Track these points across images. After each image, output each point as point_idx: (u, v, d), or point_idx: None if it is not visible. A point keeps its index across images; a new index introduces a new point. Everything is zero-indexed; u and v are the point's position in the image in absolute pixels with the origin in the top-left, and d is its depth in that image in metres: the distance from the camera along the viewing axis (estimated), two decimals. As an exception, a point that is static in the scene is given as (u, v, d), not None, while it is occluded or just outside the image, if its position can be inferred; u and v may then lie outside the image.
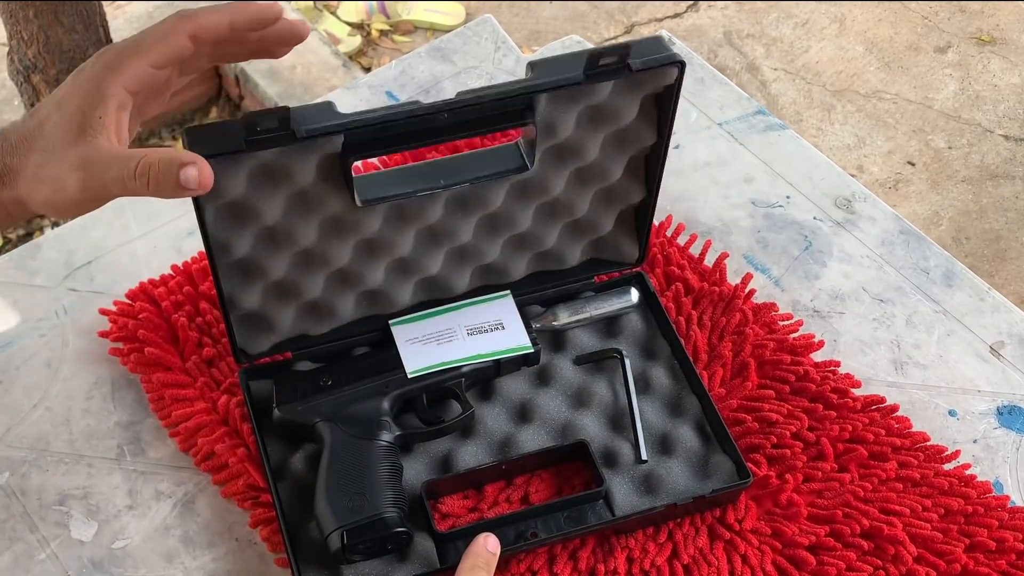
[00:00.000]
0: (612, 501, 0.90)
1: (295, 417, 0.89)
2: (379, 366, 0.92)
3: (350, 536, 0.80)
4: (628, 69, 0.83)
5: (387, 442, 0.86)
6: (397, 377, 0.91)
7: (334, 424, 0.87)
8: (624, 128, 0.90)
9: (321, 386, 0.90)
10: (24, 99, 1.76)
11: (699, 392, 0.96)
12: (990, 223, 2.33)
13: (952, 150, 2.47)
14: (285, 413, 0.89)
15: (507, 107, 0.82)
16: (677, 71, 0.85)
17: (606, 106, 0.88)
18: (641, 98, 0.88)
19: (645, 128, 0.91)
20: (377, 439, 0.86)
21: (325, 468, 0.85)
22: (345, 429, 0.86)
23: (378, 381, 0.91)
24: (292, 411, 0.89)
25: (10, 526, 0.91)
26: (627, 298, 1.01)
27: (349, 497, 0.82)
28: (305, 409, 0.89)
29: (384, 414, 0.88)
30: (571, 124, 0.88)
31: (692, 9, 2.77)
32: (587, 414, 0.95)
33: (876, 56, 2.65)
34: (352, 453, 0.85)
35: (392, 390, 0.90)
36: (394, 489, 0.84)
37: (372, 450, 0.85)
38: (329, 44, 2.45)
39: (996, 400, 1.02)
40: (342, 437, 0.86)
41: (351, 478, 0.83)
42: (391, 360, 0.93)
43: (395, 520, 0.82)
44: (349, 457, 0.85)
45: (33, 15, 1.61)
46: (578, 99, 0.86)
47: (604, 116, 0.89)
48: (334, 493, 0.83)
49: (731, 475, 0.92)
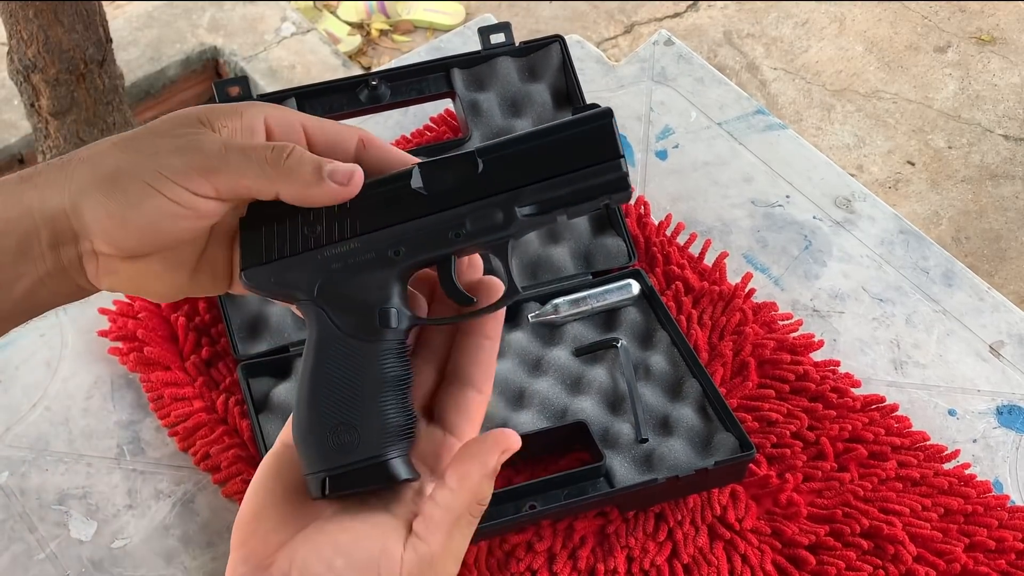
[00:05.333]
0: (613, 478, 0.90)
1: (266, 289, 0.57)
2: (396, 206, 0.57)
3: (334, 485, 0.56)
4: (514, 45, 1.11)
5: (394, 342, 0.57)
6: (424, 224, 0.56)
7: (320, 309, 0.57)
8: (544, 117, 1.09)
9: (307, 236, 0.57)
10: (24, 99, 1.76)
11: (700, 374, 0.96)
12: (990, 223, 2.33)
13: (952, 150, 2.47)
14: (252, 281, 0.57)
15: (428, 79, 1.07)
16: (559, 45, 1.11)
17: (519, 91, 1.10)
18: (548, 84, 1.11)
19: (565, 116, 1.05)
20: (380, 338, 0.56)
21: (307, 378, 0.57)
22: (336, 318, 0.56)
23: (390, 228, 0.56)
24: (262, 279, 0.57)
25: (9, 526, 0.91)
26: (627, 290, 1.01)
27: (335, 428, 0.56)
28: (280, 276, 0.57)
29: (391, 294, 0.57)
30: (495, 108, 1.09)
31: (692, 9, 2.76)
32: (586, 399, 0.96)
33: (876, 56, 2.65)
34: (342, 360, 0.56)
35: (414, 253, 0.56)
36: (401, 415, 0.56)
37: (372, 357, 0.56)
38: (329, 44, 2.45)
39: (996, 400, 1.01)
40: (330, 332, 0.56)
41: (339, 400, 0.56)
42: (414, 199, 0.56)
43: (400, 467, 0.56)
44: (338, 366, 0.56)
45: (33, 15, 1.61)
46: (491, 82, 1.10)
47: (521, 102, 1.11)
48: (315, 420, 0.56)
49: (735, 451, 0.91)
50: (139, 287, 0.58)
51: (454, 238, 0.56)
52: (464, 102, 1.09)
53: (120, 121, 1.80)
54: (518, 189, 0.56)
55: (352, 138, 0.57)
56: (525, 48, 1.12)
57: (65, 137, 1.76)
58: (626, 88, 1.25)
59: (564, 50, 1.11)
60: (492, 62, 1.10)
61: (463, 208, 0.56)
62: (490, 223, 0.56)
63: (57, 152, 1.79)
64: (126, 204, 0.53)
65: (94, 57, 1.69)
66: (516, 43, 1.12)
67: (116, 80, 1.77)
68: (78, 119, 1.74)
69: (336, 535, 0.53)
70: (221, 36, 2.44)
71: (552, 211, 0.56)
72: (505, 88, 1.10)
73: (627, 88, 1.25)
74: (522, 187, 0.56)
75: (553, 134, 0.56)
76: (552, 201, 0.56)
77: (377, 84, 1.06)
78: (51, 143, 1.79)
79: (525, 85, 1.11)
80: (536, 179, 0.56)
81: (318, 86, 1.06)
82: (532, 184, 0.56)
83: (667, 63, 1.27)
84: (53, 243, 0.55)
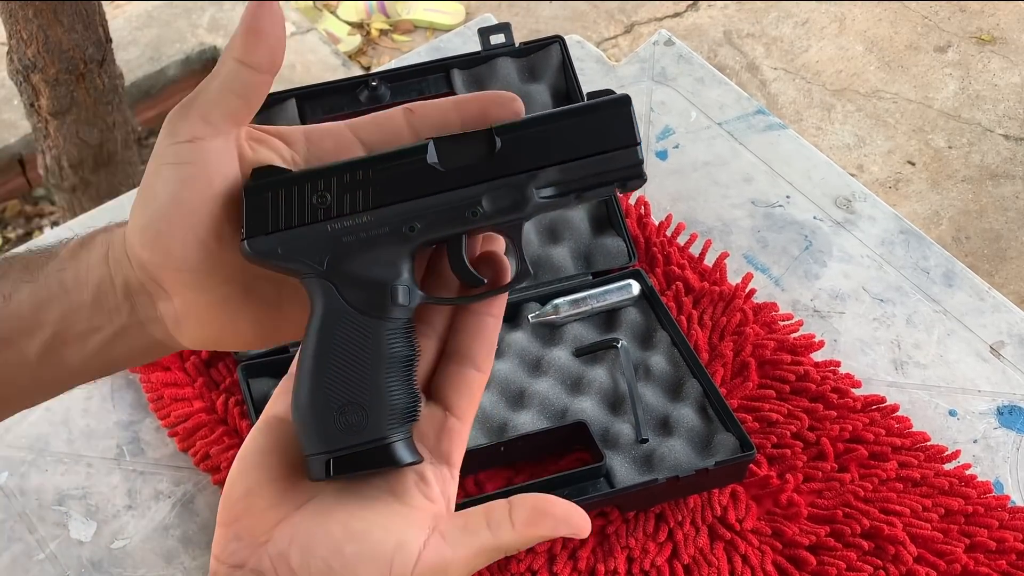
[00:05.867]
0: (613, 479, 0.91)
1: (272, 259, 0.54)
2: (412, 181, 0.55)
3: (339, 467, 0.54)
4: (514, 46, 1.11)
5: (402, 320, 0.55)
6: (440, 201, 0.54)
7: (329, 283, 0.55)
8: None
9: (315, 206, 0.54)
10: (24, 98, 1.76)
11: (700, 374, 0.96)
12: (990, 223, 2.33)
13: (952, 149, 2.46)
14: (257, 251, 0.54)
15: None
16: (559, 45, 1.11)
17: (519, 92, 1.05)
18: (548, 85, 1.10)
19: None
20: (389, 316, 0.55)
21: (311, 355, 0.55)
22: (348, 294, 0.55)
23: (405, 203, 0.54)
24: (268, 249, 0.54)
25: (9, 526, 0.91)
26: (627, 291, 1.01)
27: (342, 407, 0.55)
28: (288, 246, 0.54)
29: (402, 271, 0.55)
30: None
31: (692, 8, 2.76)
32: (586, 399, 0.96)
33: (876, 55, 2.65)
34: (351, 337, 0.55)
35: (429, 231, 0.55)
36: (407, 396, 0.55)
37: (380, 335, 0.55)
38: (329, 43, 2.45)
39: (996, 400, 1.01)
40: (338, 308, 0.55)
41: (347, 379, 0.55)
42: (431, 174, 0.55)
43: (405, 450, 0.54)
44: (346, 344, 0.55)
45: (32, 14, 1.61)
46: (490, 82, 1.08)
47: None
48: (320, 399, 0.54)
49: (735, 451, 0.91)
50: (221, 330, 0.55)
51: (471, 217, 0.54)
52: None
53: (120, 121, 1.80)
54: (537, 171, 0.55)
55: (397, 113, 0.56)
56: (525, 48, 1.12)
57: (65, 137, 1.76)
58: (626, 88, 1.25)
59: (564, 50, 1.11)
60: (492, 63, 1.10)
61: (481, 187, 0.55)
62: (507, 203, 0.55)
63: (57, 152, 1.79)
64: (143, 196, 0.52)
65: (94, 57, 1.68)
66: (516, 43, 1.12)
67: (116, 80, 1.77)
68: (78, 119, 1.74)
69: (347, 520, 0.52)
70: (221, 36, 2.44)
71: (568, 194, 0.55)
72: (505, 88, 1.10)
73: (627, 88, 1.25)
74: (541, 168, 0.55)
75: (572, 116, 0.56)
76: (568, 184, 0.55)
77: (377, 84, 1.07)
78: (51, 143, 1.78)
79: (525, 85, 1.11)
80: (555, 161, 0.55)
81: (318, 87, 1.06)
82: (551, 166, 0.55)
83: (667, 63, 1.27)
84: (127, 291, 0.54)
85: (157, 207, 0.52)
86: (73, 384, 0.57)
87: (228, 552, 0.51)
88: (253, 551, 0.51)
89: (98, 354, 0.55)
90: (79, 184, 1.83)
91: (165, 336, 0.55)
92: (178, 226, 0.52)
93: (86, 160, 1.80)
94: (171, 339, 0.55)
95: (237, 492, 0.52)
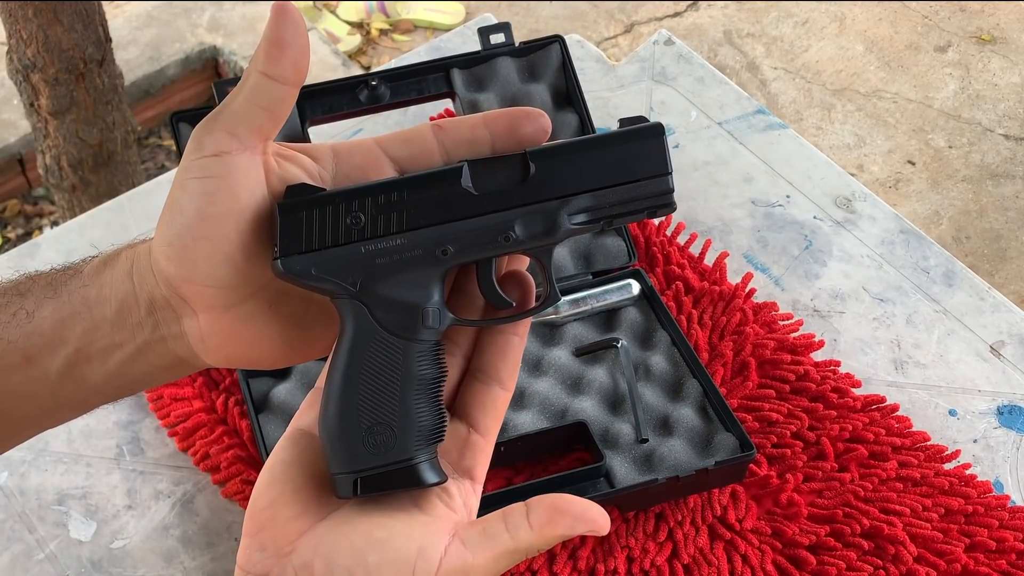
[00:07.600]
0: (613, 478, 0.91)
1: (306, 279, 0.54)
2: (445, 204, 0.55)
3: (366, 487, 0.55)
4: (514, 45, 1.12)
5: (431, 342, 0.56)
6: (474, 225, 0.55)
7: (362, 304, 0.55)
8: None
9: (349, 227, 0.55)
10: (23, 98, 1.76)
11: (700, 374, 0.96)
12: (990, 222, 2.33)
13: (952, 149, 2.46)
14: (291, 270, 0.54)
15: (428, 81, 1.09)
16: (559, 44, 1.12)
17: (519, 91, 1.09)
18: (548, 84, 1.11)
19: (566, 117, 1.10)
20: (419, 338, 0.55)
21: (340, 375, 0.55)
22: (379, 315, 0.55)
23: (439, 226, 0.55)
24: (303, 268, 0.54)
25: (9, 526, 0.91)
26: (627, 290, 1.01)
27: (370, 428, 0.55)
28: (322, 266, 0.54)
29: (433, 293, 0.56)
30: (495, 108, 1.09)
31: (692, 8, 2.76)
32: (586, 399, 0.96)
33: (876, 55, 2.65)
34: (381, 358, 0.55)
35: (462, 254, 0.55)
36: (434, 417, 0.56)
37: (410, 356, 0.56)
38: (328, 43, 2.45)
39: (996, 400, 1.01)
40: (369, 328, 0.55)
41: (376, 400, 0.55)
42: (464, 198, 0.55)
43: (431, 471, 0.55)
44: (376, 365, 0.55)
45: (32, 14, 1.61)
46: (490, 82, 1.09)
47: (521, 102, 1.09)
48: (349, 418, 0.55)
49: (735, 451, 0.91)
50: (247, 348, 0.55)
51: (503, 242, 0.55)
52: (464, 102, 1.09)
53: (120, 120, 1.80)
54: (570, 197, 0.55)
55: (426, 130, 0.56)
56: (525, 48, 1.12)
57: (64, 137, 1.76)
58: (626, 88, 1.25)
59: (564, 50, 1.11)
60: (492, 62, 1.10)
61: (514, 212, 0.55)
62: (539, 229, 0.55)
63: (56, 151, 1.79)
64: (169, 210, 0.52)
65: (93, 56, 1.68)
66: (516, 43, 1.12)
67: (115, 79, 1.77)
68: (77, 118, 1.74)
69: (370, 530, 0.52)
70: (221, 36, 2.44)
71: (599, 220, 0.56)
72: (505, 88, 1.10)
73: (627, 88, 1.25)
74: (574, 195, 0.55)
75: (606, 144, 0.56)
76: (599, 210, 0.56)
77: (377, 84, 1.06)
78: (50, 143, 1.78)
79: (525, 85, 1.11)
80: (588, 188, 0.55)
81: (318, 86, 1.06)
82: (583, 193, 0.55)
83: (667, 63, 1.27)
84: (151, 307, 0.54)
85: (183, 221, 0.51)
86: (94, 404, 0.57)
87: (253, 562, 0.51)
88: (277, 561, 0.51)
89: (119, 371, 0.55)
90: (79, 184, 1.83)
91: (188, 353, 0.55)
92: (204, 240, 0.51)
93: (86, 160, 1.80)
94: (194, 356, 0.55)
95: (262, 503, 0.52)
